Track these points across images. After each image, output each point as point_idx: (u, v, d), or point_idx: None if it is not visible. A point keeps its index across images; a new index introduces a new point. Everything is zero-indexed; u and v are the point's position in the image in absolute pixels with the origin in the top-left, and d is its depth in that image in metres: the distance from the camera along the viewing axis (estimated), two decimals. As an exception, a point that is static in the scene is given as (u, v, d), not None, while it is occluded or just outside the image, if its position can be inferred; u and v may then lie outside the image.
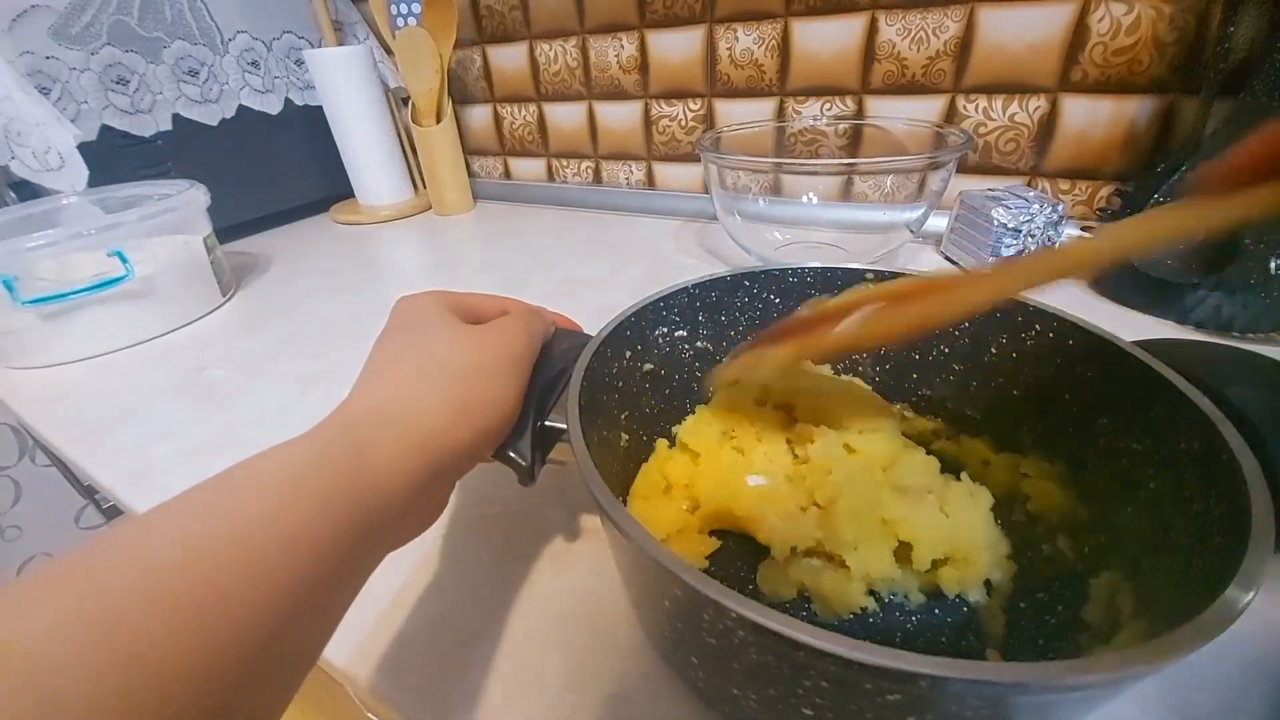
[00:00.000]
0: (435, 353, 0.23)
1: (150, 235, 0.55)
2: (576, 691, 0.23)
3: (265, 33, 0.78)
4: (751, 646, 0.15)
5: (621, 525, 0.16)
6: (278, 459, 0.17)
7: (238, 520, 0.15)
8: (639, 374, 0.29)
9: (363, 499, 0.17)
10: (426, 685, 0.24)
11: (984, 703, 0.13)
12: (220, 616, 0.13)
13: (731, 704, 0.19)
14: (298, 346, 0.53)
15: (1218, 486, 0.18)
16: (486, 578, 0.29)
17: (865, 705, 0.14)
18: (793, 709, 0.16)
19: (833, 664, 0.13)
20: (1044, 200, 0.49)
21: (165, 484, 0.37)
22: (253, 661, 0.14)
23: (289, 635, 0.15)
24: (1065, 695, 0.13)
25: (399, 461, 0.19)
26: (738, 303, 0.32)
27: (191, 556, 0.14)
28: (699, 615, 0.15)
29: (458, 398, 0.21)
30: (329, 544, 0.16)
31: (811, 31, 0.61)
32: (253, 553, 0.14)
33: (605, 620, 0.26)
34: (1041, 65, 0.53)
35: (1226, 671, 0.22)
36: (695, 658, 0.19)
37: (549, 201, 0.89)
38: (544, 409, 0.25)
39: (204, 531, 0.14)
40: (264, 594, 0.14)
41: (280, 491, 0.16)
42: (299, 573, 0.15)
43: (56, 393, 0.49)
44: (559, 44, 0.77)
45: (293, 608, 0.15)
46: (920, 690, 0.12)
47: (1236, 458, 0.17)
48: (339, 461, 0.18)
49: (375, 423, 0.20)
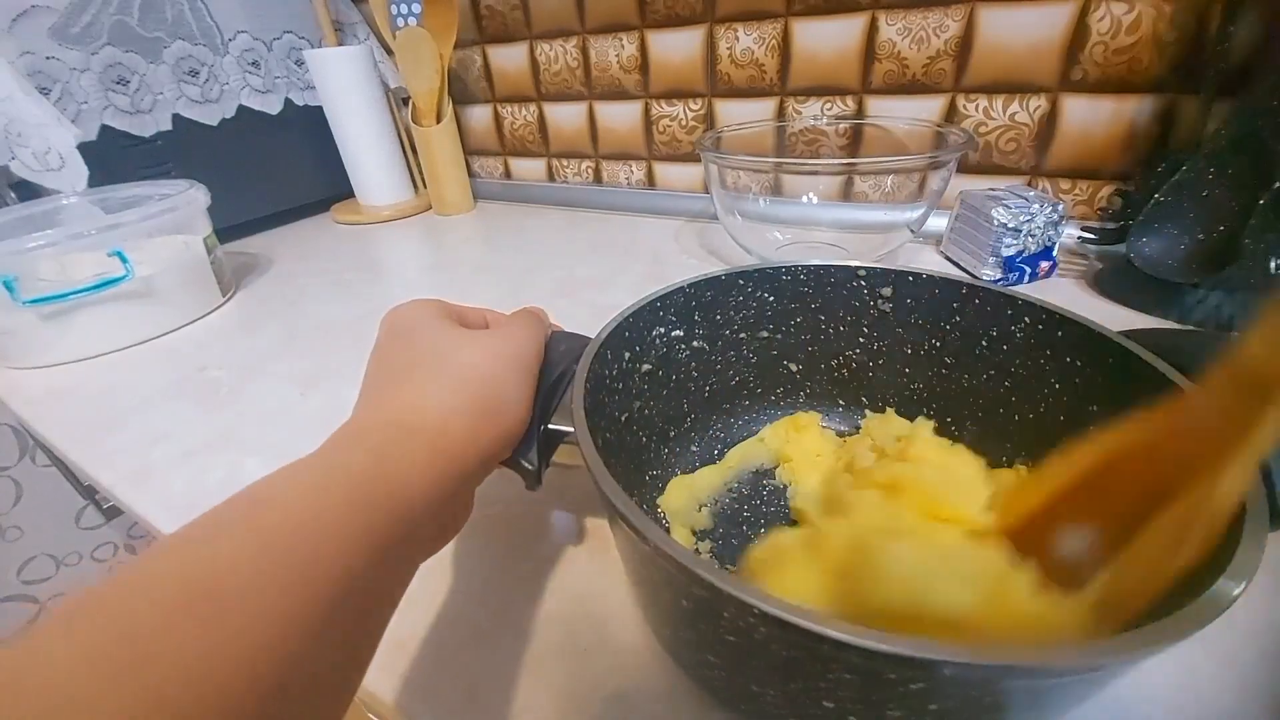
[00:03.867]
0: (448, 359, 0.22)
1: (150, 235, 0.55)
2: (578, 692, 0.23)
3: (265, 33, 0.78)
4: (775, 642, 0.15)
5: (638, 527, 0.16)
6: (299, 475, 0.17)
7: (264, 541, 0.14)
8: (638, 375, 0.29)
9: (389, 510, 0.17)
10: (427, 685, 0.24)
11: (973, 686, 0.14)
12: (248, 643, 0.13)
13: (749, 701, 0.19)
14: (298, 346, 0.53)
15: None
16: (487, 578, 0.29)
17: (889, 695, 0.14)
18: (814, 702, 0.16)
19: (858, 655, 0.13)
20: (1044, 200, 0.49)
21: (165, 484, 0.36)
22: (288, 685, 0.13)
23: (325, 653, 0.14)
24: (1058, 680, 0.13)
25: (423, 470, 0.18)
26: (732, 301, 0.32)
27: (217, 583, 0.13)
28: (719, 613, 0.15)
29: (477, 404, 0.21)
30: (357, 559, 0.15)
31: (812, 31, 0.61)
32: (281, 574, 0.14)
33: (606, 621, 0.26)
34: (1042, 65, 0.53)
35: (1226, 672, 0.22)
36: (713, 656, 0.18)
37: (549, 201, 0.89)
38: (547, 412, 0.25)
39: (227, 554, 0.14)
40: (295, 615, 0.14)
41: (305, 507, 0.16)
42: (329, 591, 0.14)
43: (56, 393, 0.49)
44: (559, 44, 0.77)
45: (325, 627, 0.14)
46: (943, 677, 0.13)
47: None
48: (365, 472, 0.17)
49: (395, 432, 0.19)
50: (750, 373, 0.34)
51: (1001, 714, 0.15)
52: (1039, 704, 0.15)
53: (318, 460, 0.17)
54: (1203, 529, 0.14)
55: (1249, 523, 0.15)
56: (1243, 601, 0.13)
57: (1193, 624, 0.13)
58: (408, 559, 0.19)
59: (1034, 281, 0.51)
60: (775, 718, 0.18)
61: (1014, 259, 0.49)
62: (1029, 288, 0.50)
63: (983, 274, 0.51)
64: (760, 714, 0.19)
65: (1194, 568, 0.15)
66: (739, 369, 0.34)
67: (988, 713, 0.15)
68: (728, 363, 0.33)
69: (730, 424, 0.35)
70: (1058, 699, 0.16)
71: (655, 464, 0.32)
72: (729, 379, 0.34)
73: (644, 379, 0.30)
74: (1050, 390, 0.27)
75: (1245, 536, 0.15)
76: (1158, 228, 0.44)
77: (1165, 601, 0.14)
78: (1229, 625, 0.23)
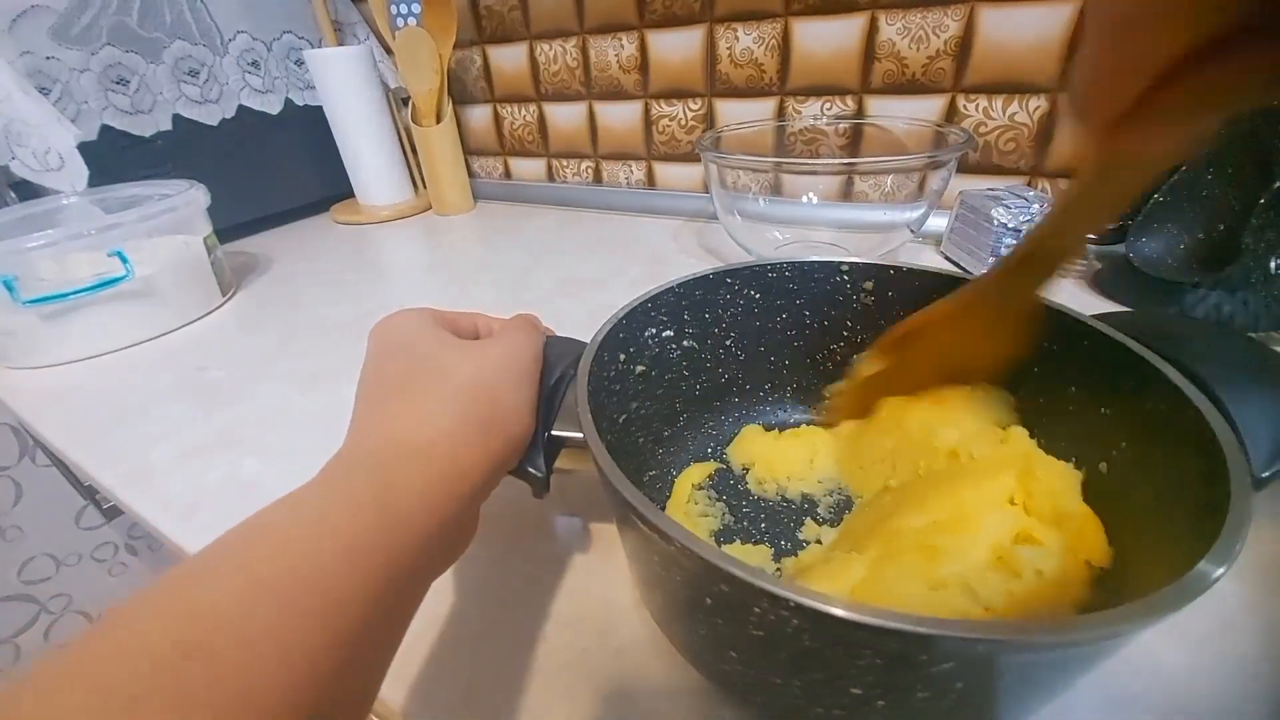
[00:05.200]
0: (445, 371, 0.21)
1: (150, 235, 0.55)
2: (579, 691, 0.23)
3: (265, 33, 0.78)
4: (806, 634, 0.15)
5: (661, 527, 0.16)
6: (295, 505, 0.16)
7: (256, 578, 0.14)
8: (632, 376, 0.30)
9: (392, 539, 0.16)
10: (427, 686, 0.24)
11: (970, 661, 0.14)
12: (243, 700, 0.12)
13: (768, 693, 0.19)
14: (298, 346, 0.53)
15: (1189, 446, 0.19)
16: (487, 579, 0.29)
17: (917, 677, 0.14)
18: (840, 689, 0.16)
19: (894, 640, 0.13)
20: (1044, 200, 0.49)
21: (165, 484, 0.36)
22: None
23: (330, 689, 0.14)
24: (1049, 654, 0.14)
25: (429, 494, 0.18)
26: (721, 300, 0.32)
27: (206, 636, 0.12)
28: (748, 609, 0.15)
29: (480, 416, 0.20)
30: (360, 592, 0.15)
31: (811, 31, 0.61)
32: (276, 617, 0.13)
33: (607, 621, 0.26)
34: (1041, 65, 0.53)
35: (1226, 672, 0.22)
36: (735, 652, 0.18)
37: (549, 201, 0.89)
38: (549, 418, 0.25)
39: (218, 600, 0.13)
40: (293, 660, 0.13)
41: (302, 542, 0.15)
42: (330, 628, 0.14)
43: (56, 393, 0.49)
44: (559, 44, 0.77)
45: (328, 665, 0.14)
46: (973, 655, 0.13)
47: (1205, 417, 0.18)
48: (364, 500, 0.17)
49: (398, 457, 0.18)
50: (739, 370, 0.34)
51: (1014, 687, 0.15)
52: (1045, 677, 0.16)
53: (317, 491, 0.17)
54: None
55: (1232, 509, 0.15)
56: (1242, 601, 0.13)
57: (1185, 598, 0.13)
58: (413, 587, 0.18)
59: (1034, 281, 0.51)
60: (792, 708, 0.18)
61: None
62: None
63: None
64: (776, 706, 0.19)
65: (1181, 549, 0.15)
66: (728, 366, 0.34)
67: (1004, 686, 0.15)
68: (718, 360, 0.34)
69: (721, 421, 0.35)
70: (1063, 673, 0.16)
71: (652, 464, 0.32)
72: (719, 377, 0.34)
73: (638, 380, 0.30)
74: (1029, 374, 0.27)
75: (1228, 522, 0.15)
76: (1157, 227, 0.44)
77: (1155, 580, 0.15)
78: (1230, 625, 0.23)
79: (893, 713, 0.16)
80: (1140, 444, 0.22)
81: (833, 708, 0.17)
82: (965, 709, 0.16)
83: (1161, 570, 0.16)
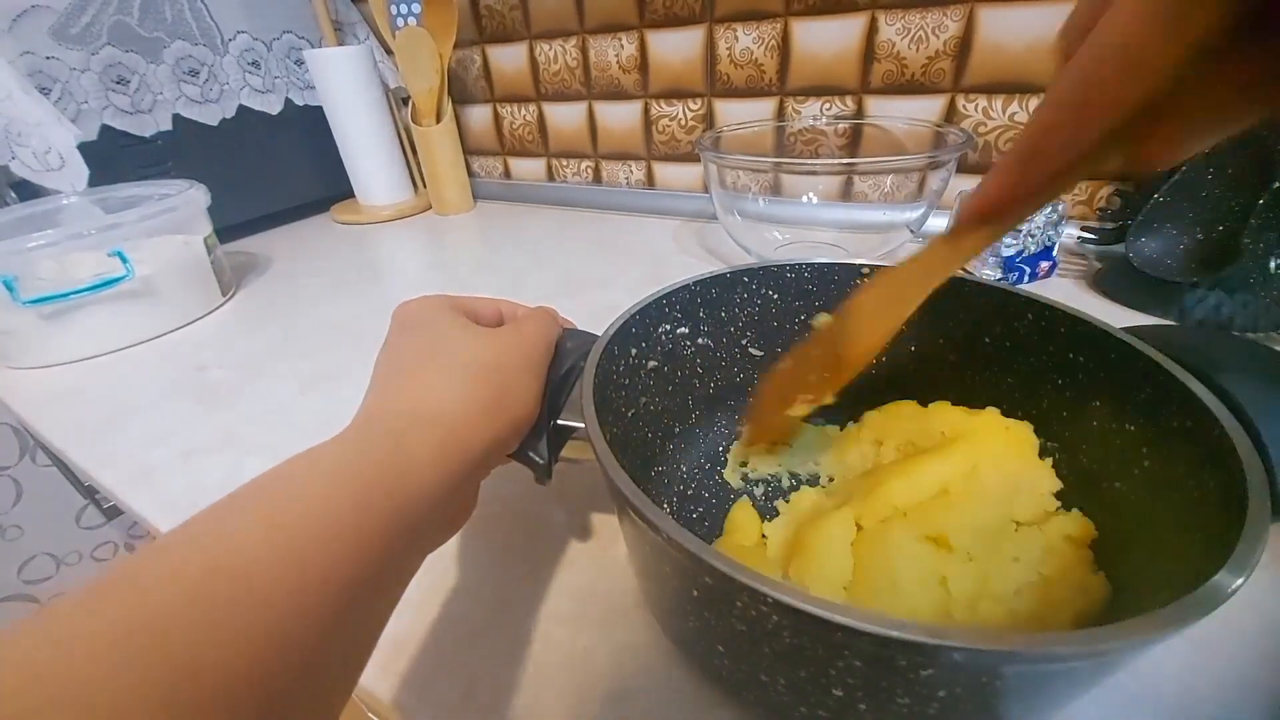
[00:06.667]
0: (458, 353, 0.23)
1: (150, 235, 0.55)
2: (578, 689, 0.23)
3: (265, 33, 0.78)
4: (786, 630, 0.15)
5: (649, 517, 0.16)
6: (315, 458, 0.17)
7: (275, 521, 0.15)
8: (644, 371, 0.30)
9: (401, 495, 0.17)
10: (425, 684, 0.24)
11: (978, 671, 0.14)
12: (262, 621, 0.13)
13: (757, 690, 0.19)
14: (298, 346, 0.53)
15: (1211, 464, 0.18)
16: (487, 576, 0.29)
17: (897, 682, 0.14)
18: (823, 690, 0.16)
19: (869, 643, 0.13)
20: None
21: (165, 484, 0.36)
22: (297, 669, 0.14)
23: (333, 640, 0.15)
24: (1060, 666, 0.14)
25: (435, 459, 0.19)
26: (737, 299, 0.32)
27: (230, 560, 0.14)
28: (731, 602, 0.15)
29: (486, 396, 0.22)
30: (368, 542, 0.16)
31: (811, 31, 0.61)
32: (292, 554, 0.14)
33: (607, 618, 0.26)
34: (1041, 65, 0.53)
35: (1226, 673, 0.22)
36: (722, 645, 0.19)
37: (549, 201, 0.89)
38: (556, 407, 0.25)
39: (242, 534, 0.14)
40: (305, 595, 0.14)
41: (318, 489, 0.16)
42: (339, 573, 0.15)
43: (56, 393, 0.49)
44: (559, 44, 0.77)
45: (334, 610, 0.15)
46: (952, 663, 0.13)
47: (1229, 435, 0.18)
48: (378, 456, 0.18)
49: (406, 422, 0.20)
50: (755, 370, 0.34)
51: (1005, 701, 0.15)
52: (1040, 692, 0.16)
53: (338, 446, 0.18)
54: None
55: (1250, 517, 0.15)
56: (1243, 601, 0.13)
57: (1194, 613, 0.13)
58: (415, 549, 0.19)
59: (1034, 281, 0.51)
60: (782, 707, 0.19)
61: (1014, 259, 0.49)
62: (1029, 288, 0.50)
63: (982, 274, 0.51)
64: (767, 703, 0.19)
65: (1197, 562, 0.15)
66: (743, 366, 0.34)
67: (993, 700, 0.15)
68: (732, 359, 0.34)
69: (735, 421, 0.35)
70: (1059, 687, 0.16)
71: (660, 459, 0.32)
72: (733, 376, 0.34)
73: (650, 375, 0.30)
74: (1054, 386, 0.27)
75: (1246, 530, 0.15)
76: (1157, 227, 0.44)
77: (1168, 593, 0.14)
78: (1230, 625, 0.23)
79: (876, 718, 0.16)
80: (1162, 461, 0.21)
81: (817, 708, 0.17)
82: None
83: (1171, 590, 0.15)
